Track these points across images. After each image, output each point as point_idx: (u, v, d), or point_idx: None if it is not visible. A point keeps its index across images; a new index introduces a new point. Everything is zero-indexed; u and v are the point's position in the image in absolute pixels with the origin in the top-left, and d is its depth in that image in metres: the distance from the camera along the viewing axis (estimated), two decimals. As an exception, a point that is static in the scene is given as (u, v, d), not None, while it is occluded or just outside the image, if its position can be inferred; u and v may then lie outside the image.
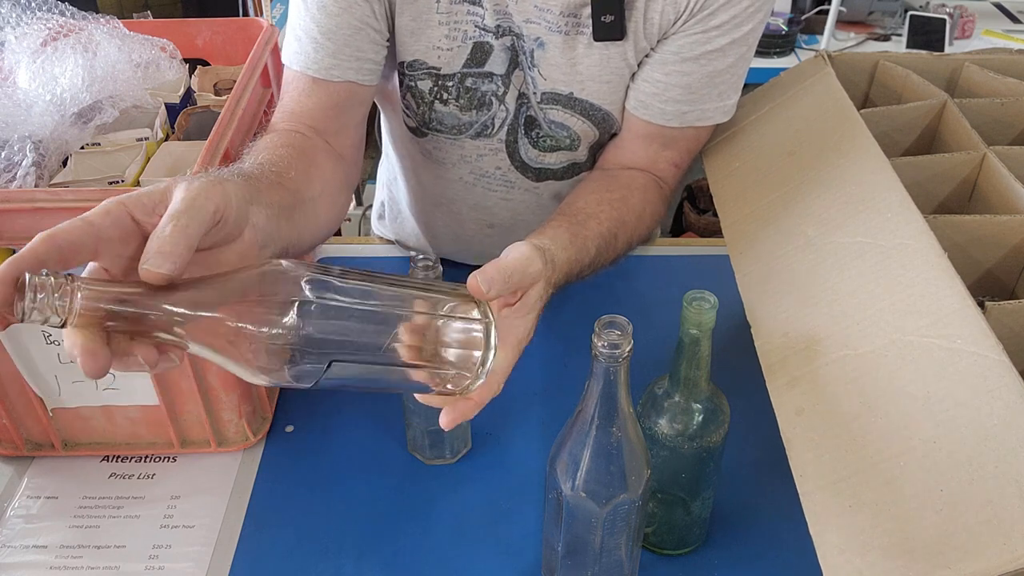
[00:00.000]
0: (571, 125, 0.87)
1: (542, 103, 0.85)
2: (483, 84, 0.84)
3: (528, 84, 0.84)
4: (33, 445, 0.80)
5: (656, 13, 0.77)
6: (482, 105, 0.86)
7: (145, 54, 0.78)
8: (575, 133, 0.88)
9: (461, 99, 0.85)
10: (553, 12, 0.78)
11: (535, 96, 0.85)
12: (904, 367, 0.56)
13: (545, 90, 0.84)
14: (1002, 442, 0.50)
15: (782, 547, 0.72)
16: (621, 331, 0.52)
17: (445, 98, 0.85)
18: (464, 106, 0.86)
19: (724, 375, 0.65)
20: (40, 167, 0.69)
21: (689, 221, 2.53)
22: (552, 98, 0.85)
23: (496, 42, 0.82)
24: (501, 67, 0.83)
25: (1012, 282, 0.71)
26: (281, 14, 2.42)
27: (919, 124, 0.83)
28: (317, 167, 0.74)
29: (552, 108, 0.86)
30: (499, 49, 0.82)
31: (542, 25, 0.79)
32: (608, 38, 0.79)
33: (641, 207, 0.83)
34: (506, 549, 0.72)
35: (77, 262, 0.46)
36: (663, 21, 0.78)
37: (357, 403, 0.86)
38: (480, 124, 0.88)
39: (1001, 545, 0.47)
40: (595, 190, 0.82)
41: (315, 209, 0.70)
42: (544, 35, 0.80)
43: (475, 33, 0.81)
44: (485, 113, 0.87)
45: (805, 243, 0.70)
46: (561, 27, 0.79)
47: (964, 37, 2.32)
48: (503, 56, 0.82)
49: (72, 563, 0.72)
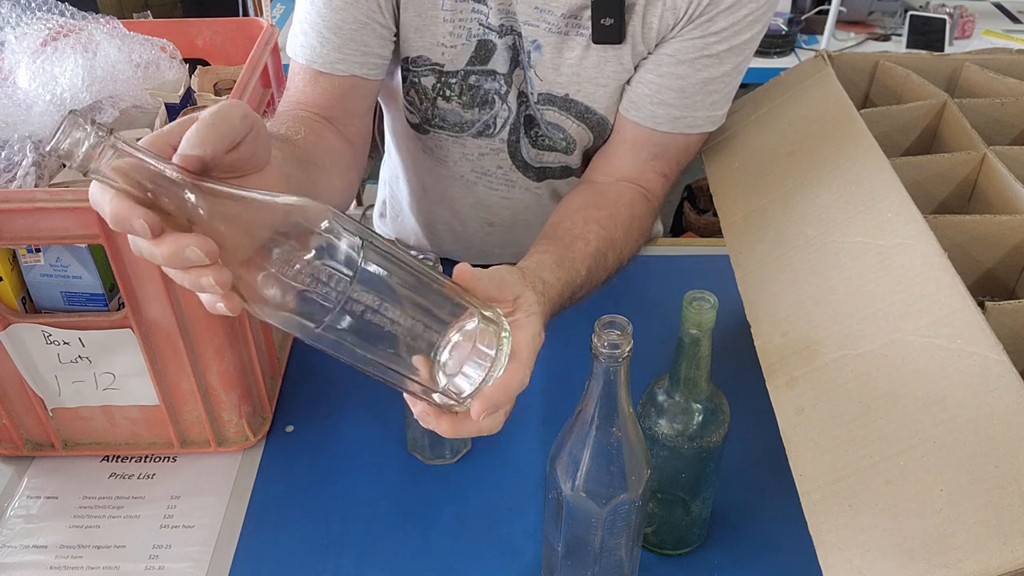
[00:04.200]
0: (566, 128, 0.87)
1: (539, 103, 0.85)
2: (486, 82, 0.84)
3: (527, 84, 0.85)
4: (33, 445, 0.80)
5: (655, 18, 0.77)
6: (484, 103, 0.86)
7: (145, 54, 0.77)
8: (570, 136, 0.88)
9: (464, 96, 0.85)
10: (554, 14, 0.78)
11: (532, 96, 0.85)
12: (904, 367, 0.56)
13: (541, 91, 0.84)
14: (1002, 442, 0.50)
15: (782, 547, 0.72)
16: (621, 331, 0.52)
17: (448, 95, 0.85)
18: (467, 103, 0.86)
19: (724, 375, 0.65)
20: (40, 167, 0.69)
21: (689, 221, 2.53)
22: (548, 99, 0.85)
23: (499, 40, 0.82)
24: (504, 66, 0.83)
25: (1012, 282, 0.71)
26: (281, 14, 2.42)
27: (919, 124, 0.83)
28: (326, 140, 0.76)
29: (548, 109, 0.85)
30: (502, 48, 0.82)
31: (541, 27, 0.79)
32: (607, 41, 0.79)
33: (629, 223, 0.81)
34: (506, 549, 0.72)
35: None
36: (661, 26, 0.78)
37: (357, 403, 0.86)
38: (482, 123, 0.88)
39: (1001, 545, 0.47)
40: (581, 207, 0.80)
41: (327, 174, 0.70)
42: (541, 37, 0.80)
43: (479, 31, 0.81)
44: (488, 111, 0.87)
45: (805, 243, 0.70)
46: (560, 28, 0.79)
47: (964, 37, 2.32)
48: (505, 55, 0.83)
49: (72, 563, 0.72)
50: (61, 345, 0.71)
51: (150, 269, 0.66)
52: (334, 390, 0.87)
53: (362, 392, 0.87)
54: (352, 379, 0.86)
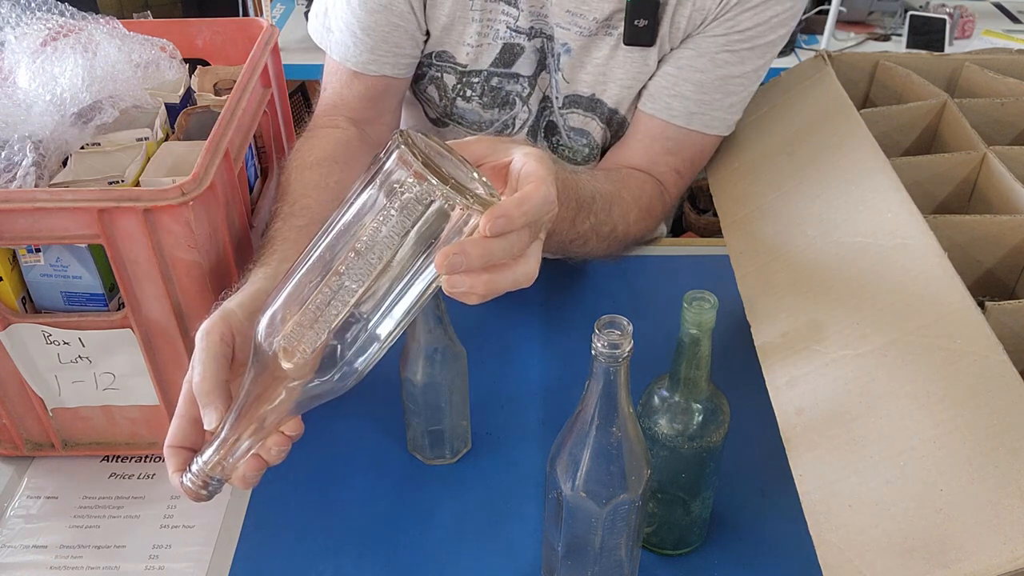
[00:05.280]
0: (590, 130, 0.86)
1: (563, 107, 0.85)
2: (508, 84, 0.85)
3: (552, 87, 0.84)
4: (33, 445, 0.80)
5: (683, 18, 0.77)
6: (505, 104, 0.86)
7: (145, 54, 0.77)
8: (594, 140, 0.87)
9: (485, 97, 0.86)
10: (587, 18, 0.78)
11: (557, 100, 0.85)
12: (904, 367, 0.56)
13: (567, 93, 0.84)
14: (1002, 442, 0.50)
15: (782, 547, 0.72)
16: (621, 331, 0.52)
17: (468, 95, 0.86)
18: (487, 104, 0.86)
19: (724, 375, 0.65)
20: (40, 167, 0.69)
21: (689, 221, 2.53)
22: (574, 101, 0.85)
23: (528, 43, 0.82)
24: (529, 68, 0.83)
25: (1012, 282, 0.71)
26: (281, 14, 2.42)
27: (919, 124, 0.83)
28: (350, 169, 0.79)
29: (572, 112, 0.85)
30: (530, 50, 0.82)
31: (572, 31, 0.79)
32: (638, 43, 0.78)
33: (638, 192, 0.81)
34: (506, 549, 0.72)
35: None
36: (689, 26, 0.77)
37: (357, 403, 0.86)
38: (501, 123, 0.88)
39: (1001, 545, 0.47)
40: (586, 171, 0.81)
41: None
42: (572, 40, 0.80)
43: (506, 34, 0.81)
44: (507, 112, 0.87)
45: (805, 243, 0.70)
46: (592, 31, 0.79)
47: (964, 37, 2.32)
48: (532, 58, 0.83)
49: (72, 563, 0.72)
50: (61, 345, 0.71)
51: (150, 269, 0.66)
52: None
53: (362, 392, 0.87)
54: (352, 379, 0.86)
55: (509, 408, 0.85)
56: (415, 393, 0.75)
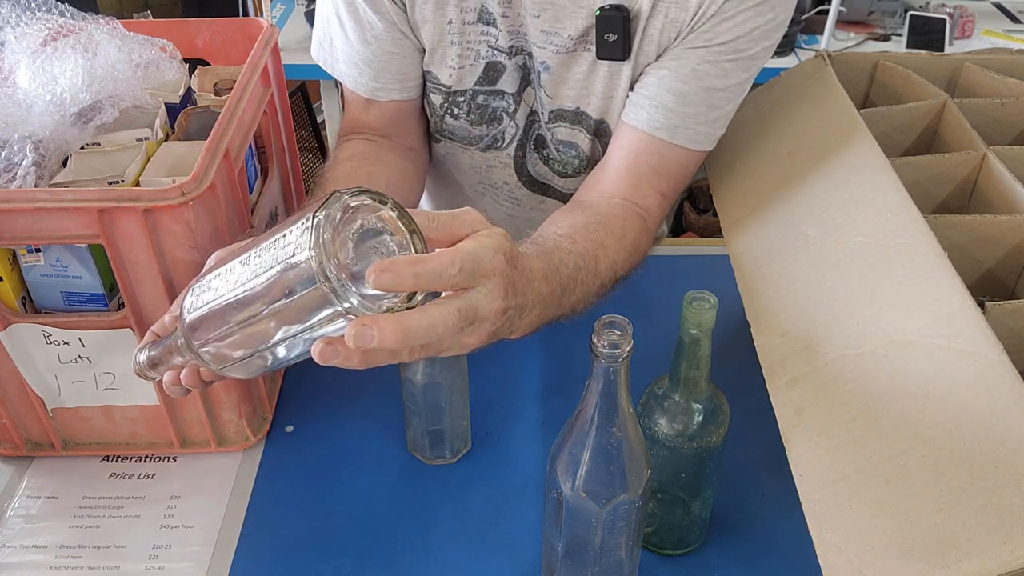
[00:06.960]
0: (579, 143, 0.86)
1: (549, 122, 0.86)
2: (494, 101, 0.85)
3: (537, 102, 0.85)
4: (33, 445, 0.80)
5: (656, 31, 0.77)
6: (492, 120, 0.87)
7: (145, 54, 0.77)
8: (583, 152, 0.87)
9: (472, 114, 0.87)
10: (562, 36, 0.78)
11: (543, 115, 0.85)
12: (904, 367, 0.56)
13: (552, 108, 0.84)
14: (1002, 442, 0.50)
15: (782, 547, 0.72)
16: (621, 331, 0.52)
17: (456, 113, 0.87)
18: (475, 120, 0.87)
19: (724, 375, 0.65)
20: (40, 167, 0.69)
21: (689, 221, 2.53)
22: (559, 115, 0.85)
23: (509, 62, 0.82)
24: (512, 85, 0.84)
25: (1012, 282, 0.71)
26: (281, 14, 2.42)
27: (919, 124, 0.83)
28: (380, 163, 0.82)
29: (559, 126, 0.86)
30: (512, 68, 0.83)
31: (548, 49, 0.79)
32: (610, 57, 0.78)
33: (622, 232, 0.77)
34: (506, 549, 0.72)
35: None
36: (663, 39, 0.77)
37: (357, 403, 0.86)
38: (490, 137, 0.89)
39: (1001, 545, 0.47)
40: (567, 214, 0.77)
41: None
42: (550, 58, 0.80)
43: (488, 53, 0.81)
44: (495, 127, 0.88)
45: (805, 243, 0.70)
46: (568, 48, 0.79)
47: (964, 37, 2.32)
48: (515, 75, 0.83)
49: (72, 563, 0.72)
50: (61, 345, 0.71)
51: (150, 269, 0.66)
52: (334, 390, 0.87)
53: (362, 392, 0.87)
54: (352, 379, 0.86)
55: (509, 408, 0.85)
56: (415, 393, 0.75)
